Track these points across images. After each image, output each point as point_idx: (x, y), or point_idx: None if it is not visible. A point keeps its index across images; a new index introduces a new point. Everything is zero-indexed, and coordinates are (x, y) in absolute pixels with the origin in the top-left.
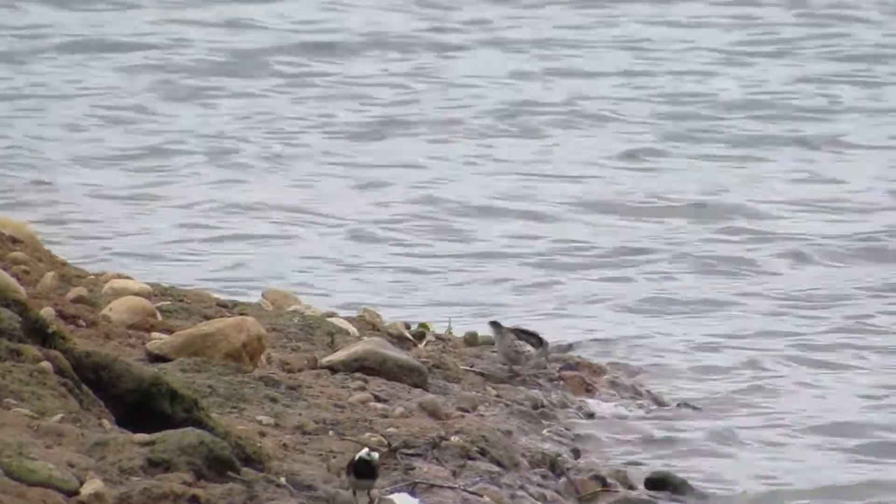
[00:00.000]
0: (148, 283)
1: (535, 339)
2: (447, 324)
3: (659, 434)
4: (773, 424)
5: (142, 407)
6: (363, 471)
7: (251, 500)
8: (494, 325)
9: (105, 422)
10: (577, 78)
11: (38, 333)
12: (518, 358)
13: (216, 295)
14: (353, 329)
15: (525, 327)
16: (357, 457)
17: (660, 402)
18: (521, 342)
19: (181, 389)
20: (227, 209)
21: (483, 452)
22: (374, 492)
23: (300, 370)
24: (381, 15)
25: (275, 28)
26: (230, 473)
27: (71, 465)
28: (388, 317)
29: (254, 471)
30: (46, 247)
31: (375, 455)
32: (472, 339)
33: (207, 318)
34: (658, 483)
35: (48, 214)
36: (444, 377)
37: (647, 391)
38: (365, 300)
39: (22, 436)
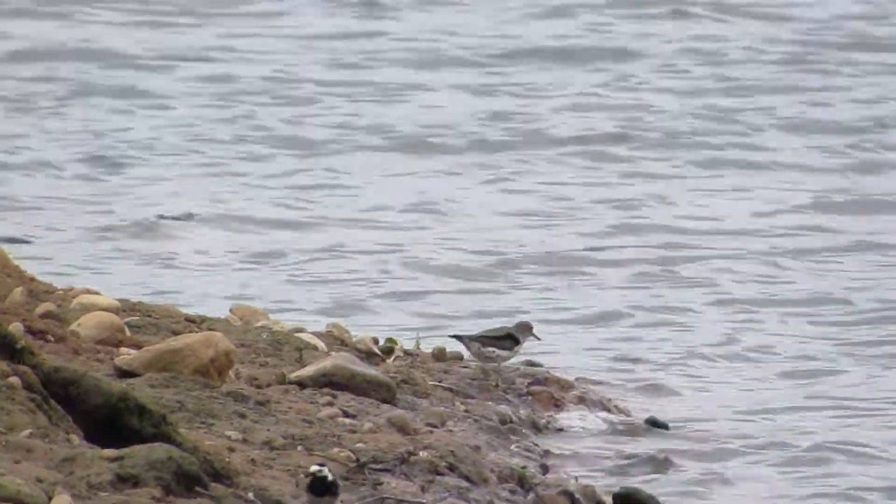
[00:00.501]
0: (116, 299)
1: (507, 343)
2: (416, 338)
3: (627, 450)
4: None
5: (110, 422)
6: (319, 489)
7: None
8: (456, 338)
9: (73, 437)
10: None
11: (7, 349)
12: (491, 361)
13: (184, 310)
14: (321, 344)
15: (492, 332)
16: (309, 474)
17: (628, 418)
18: (489, 348)
19: (149, 405)
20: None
21: (452, 468)
22: None
23: (268, 385)
24: None
25: None
26: (198, 489)
27: (39, 481)
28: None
29: (222, 486)
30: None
31: (326, 470)
32: (440, 355)
33: (176, 333)
34: (626, 499)
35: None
36: (412, 392)
37: (616, 406)
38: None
39: None
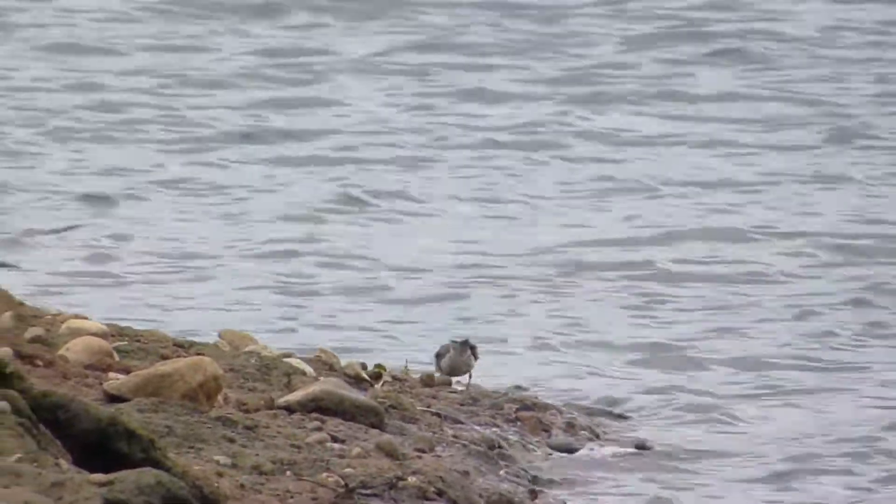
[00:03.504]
0: (105, 324)
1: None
2: (404, 364)
3: (616, 475)
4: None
5: (99, 447)
6: None
7: None
8: (465, 342)
9: (62, 462)
10: None
11: None
12: (466, 371)
13: (172, 335)
14: (309, 369)
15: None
16: None
17: (617, 444)
18: (470, 356)
19: (138, 429)
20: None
21: (440, 493)
22: None
23: (257, 410)
24: None
25: None
26: None
27: None
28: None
29: None
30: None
31: None
32: (428, 380)
33: (164, 358)
34: None
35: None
36: (401, 417)
37: (604, 432)
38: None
39: None
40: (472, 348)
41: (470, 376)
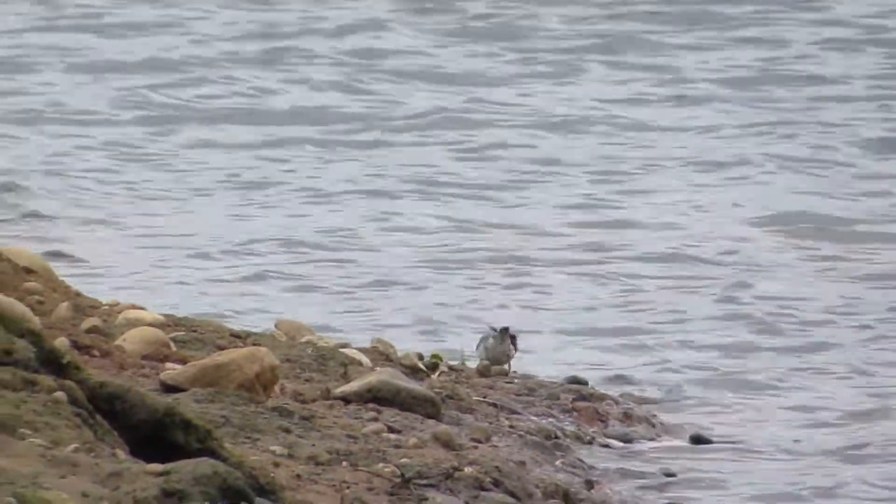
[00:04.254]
0: (162, 314)
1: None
2: (461, 354)
3: (672, 466)
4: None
5: (156, 437)
6: None
7: None
8: (504, 330)
9: (119, 452)
10: None
11: (53, 364)
12: (505, 360)
13: (230, 325)
14: (366, 360)
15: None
16: None
17: (673, 435)
18: (509, 345)
19: (195, 420)
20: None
21: (496, 483)
22: None
23: (313, 401)
24: None
25: None
26: None
27: (85, 495)
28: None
29: (267, 501)
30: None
31: None
32: (485, 370)
33: (221, 348)
34: None
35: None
36: (457, 408)
37: (661, 423)
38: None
39: (36, 466)
40: (513, 337)
41: (509, 366)
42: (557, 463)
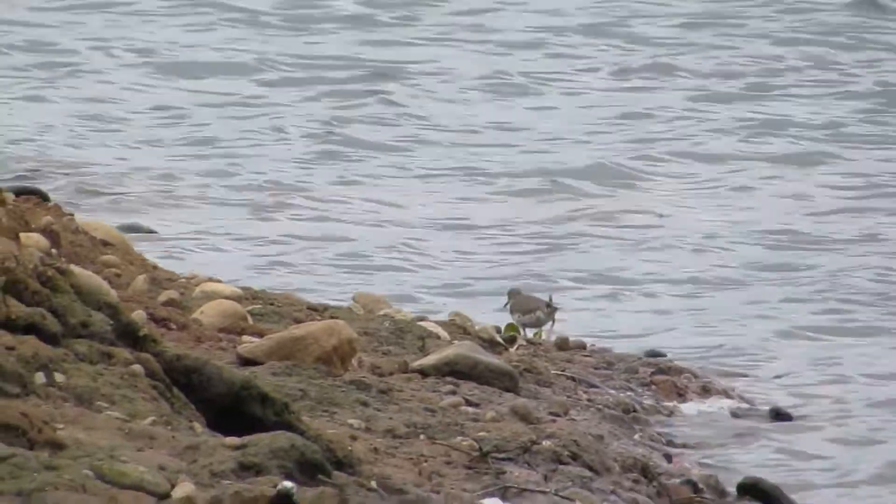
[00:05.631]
0: (239, 287)
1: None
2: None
3: (751, 440)
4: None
5: (233, 410)
6: None
7: None
8: (548, 303)
9: (196, 425)
10: None
11: (130, 336)
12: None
13: (307, 298)
14: (443, 333)
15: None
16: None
17: (752, 408)
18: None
19: (272, 393)
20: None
21: (574, 457)
22: (466, 496)
23: (391, 374)
24: None
25: None
26: (321, 477)
27: (162, 468)
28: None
29: (345, 475)
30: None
31: (291, 487)
32: (563, 344)
33: (298, 321)
34: (749, 489)
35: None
36: (535, 381)
37: (740, 396)
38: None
39: (113, 439)
40: (550, 306)
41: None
42: (636, 436)
